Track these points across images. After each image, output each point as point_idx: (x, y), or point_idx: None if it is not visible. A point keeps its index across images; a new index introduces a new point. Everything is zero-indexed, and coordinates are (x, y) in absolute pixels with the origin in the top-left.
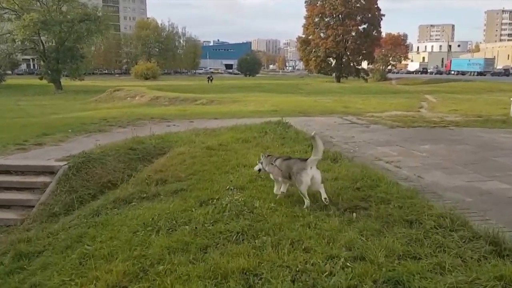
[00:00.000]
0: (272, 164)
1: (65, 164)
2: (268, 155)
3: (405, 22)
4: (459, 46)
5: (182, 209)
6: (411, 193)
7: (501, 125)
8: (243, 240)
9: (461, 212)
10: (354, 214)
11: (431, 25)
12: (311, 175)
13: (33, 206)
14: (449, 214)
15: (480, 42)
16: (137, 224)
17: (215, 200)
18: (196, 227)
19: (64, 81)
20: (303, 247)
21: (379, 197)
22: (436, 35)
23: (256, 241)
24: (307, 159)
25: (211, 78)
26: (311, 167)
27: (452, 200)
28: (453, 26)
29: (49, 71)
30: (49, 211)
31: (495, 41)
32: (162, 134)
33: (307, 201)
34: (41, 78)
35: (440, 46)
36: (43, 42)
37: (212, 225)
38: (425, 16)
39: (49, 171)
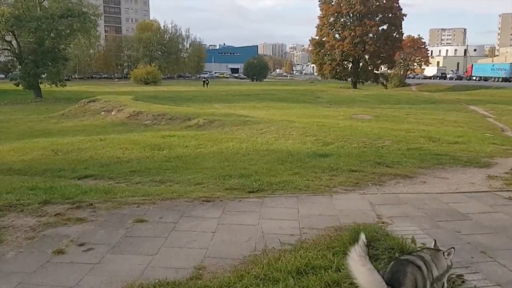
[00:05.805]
0: None
1: None
2: None
3: (412, 26)
4: (475, 50)
5: None
6: None
7: None
8: None
9: None
10: None
11: (442, 29)
12: None
13: None
14: None
15: (494, 46)
16: None
17: None
18: None
19: (48, 87)
20: None
21: None
22: (447, 39)
23: None
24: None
25: (206, 81)
26: None
27: None
28: (465, 30)
29: (25, 76)
30: None
31: (510, 45)
32: None
33: None
34: (17, 84)
35: (455, 50)
36: (19, 42)
37: None
38: (433, 20)
39: None
